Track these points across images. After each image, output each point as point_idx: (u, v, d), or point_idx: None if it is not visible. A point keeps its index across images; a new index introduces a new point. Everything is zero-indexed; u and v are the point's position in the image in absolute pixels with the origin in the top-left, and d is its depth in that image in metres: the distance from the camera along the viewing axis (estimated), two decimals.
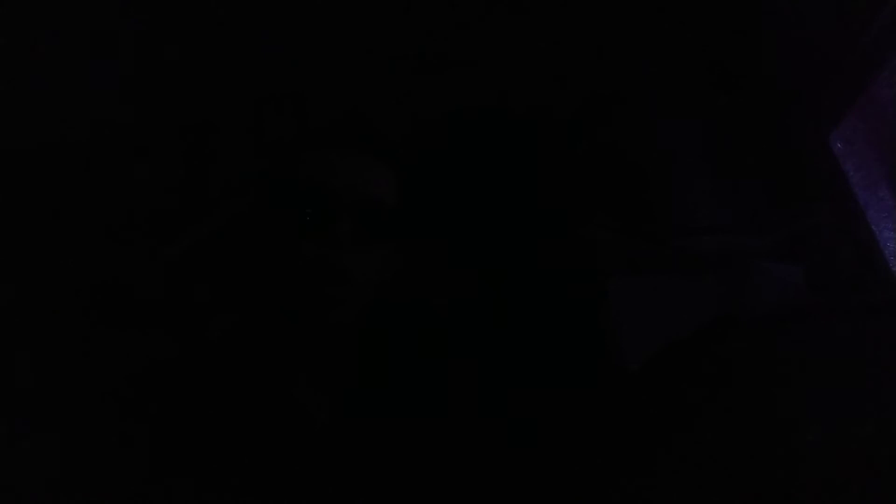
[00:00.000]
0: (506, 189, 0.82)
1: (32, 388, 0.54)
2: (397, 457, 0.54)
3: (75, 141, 0.83)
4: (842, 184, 0.88)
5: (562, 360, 0.60)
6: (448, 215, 0.82)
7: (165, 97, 0.86)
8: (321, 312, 0.59)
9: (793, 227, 0.77)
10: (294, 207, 0.62)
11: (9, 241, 0.78)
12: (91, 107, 0.84)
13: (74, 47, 0.82)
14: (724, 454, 0.53)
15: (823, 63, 0.86)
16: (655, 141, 0.92)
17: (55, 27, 0.81)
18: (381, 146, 0.67)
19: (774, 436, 0.53)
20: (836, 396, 0.53)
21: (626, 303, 0.74)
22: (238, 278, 0.73)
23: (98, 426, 0.50)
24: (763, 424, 0.53)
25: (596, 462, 0.53)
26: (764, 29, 0.93)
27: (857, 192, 0.88)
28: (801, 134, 0.90)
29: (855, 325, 0.58)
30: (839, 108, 0.88)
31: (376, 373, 0.61)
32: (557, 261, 0.79)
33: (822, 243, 0.76)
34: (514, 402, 0.55)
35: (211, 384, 0.56)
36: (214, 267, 0.77)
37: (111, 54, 0.83)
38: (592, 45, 0.92)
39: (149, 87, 0.85)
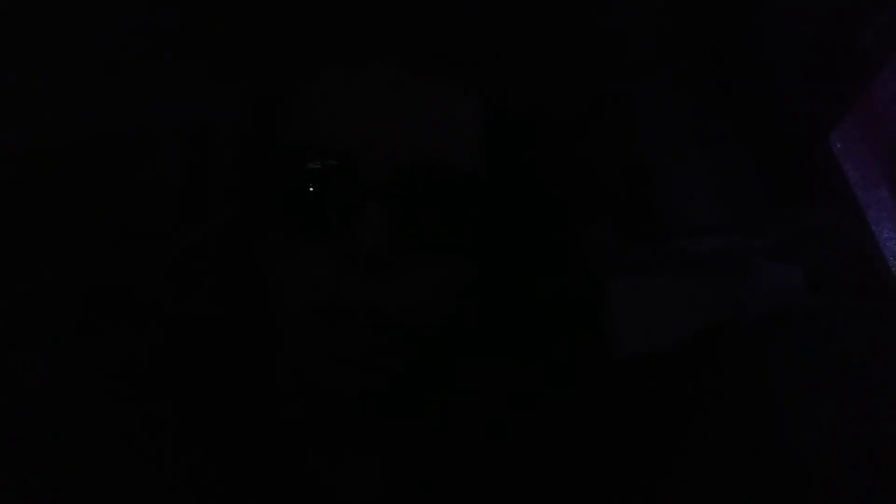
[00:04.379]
0: (504, 190, 0.82)
1: (33, 388, 0.54)
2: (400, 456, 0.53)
3: (75, 142, 0.83)
4: (842, 184, 0.87)
5: (561, 361, 0.60)
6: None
7: (165, 97, 0.85)
8: (344, 385, 0.37)
9: (793, 227, 0.77)
10: (287, 194, 0.35)
11: (8, 241, 0.78)
12: (91, 107, 0.84)
13: (74, 47, 0.82)
14: (723, 454, 0.53)
15: (823, 63, 0.86)
16: (655, 141, 0.92)
17: (55, 27, 0.81)
18: (446, 59, 0.36)
19: (774, 436, 0.53)
20: (836, 396, 0.53)
21: (626, 303, 0.74)
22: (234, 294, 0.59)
23: (97, 431, 0.49)
24: (763, 424, 0.53)
25: (595, 463, 0.53)
26: (763, 28, 0.92)
27: (857, 193, 0.88)
28: (801, 134, 0.90)
29: (855, 325, 0.58)
30: (839, 108, 0.87)
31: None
32: (557, 261, 0.79)
33: (822, 243, 0.76)
34: (514, 403, 0.55)
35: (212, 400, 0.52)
36: (214, 269, 0.77)
37: (111, 54, 0.83)
38: (591, 44, 0.92)
39: (148, 88, 0.85)
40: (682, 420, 0.55)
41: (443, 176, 0.37)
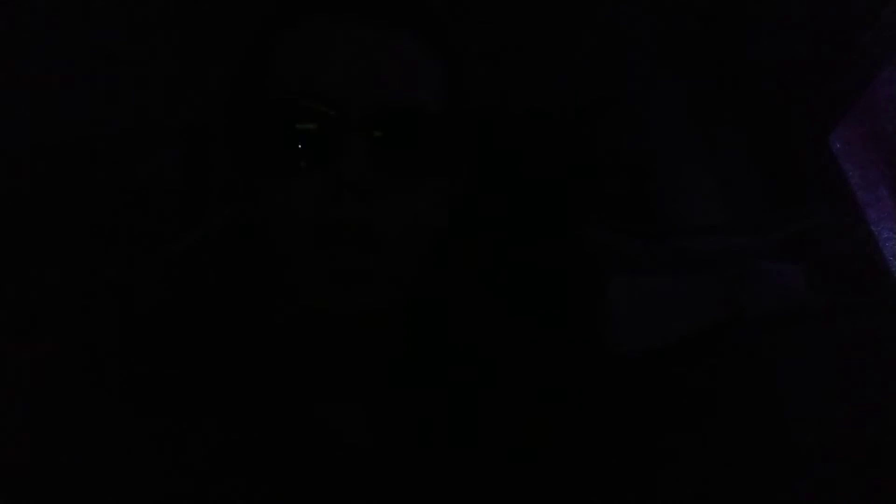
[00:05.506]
0: (504, 189, 0.82)
1: (32, 388, 0.54)
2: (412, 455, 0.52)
3: (75, 141, 0.83)
4: (841, 184, 0.88)
5: (560, 361, 0.60)
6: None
7: (165, 96, 0.85)
8: (335, 303, 0.42)
9: (793, 227, 0.77)
10: (281, 131, 0.41)
11: (8, 241, 0.78)
12: (91, 107, 0.84)
13: (74, 47, 0.82)
14: (723, 454, 0.53)
15: (823, 63, 0.86)
16: (655, 141, 0.92)
17: (55, 27, 0.81)
18: (412, 15, 0.43)
19: (774, 436, 0.53)
20: (837, 396, 0.53)
21: (625, 302, 0.74)
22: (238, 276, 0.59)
23: (95, 429, 0.49)
24: (763, 423, 0.53)
25: (595, 460, 0.53)
26: (763, 28, 0.92)
27: (857, 192, 0.88)
28: (801, 134, 0.90)
29: (855, 325, 0.58)
30: (839, 108, 0.88)
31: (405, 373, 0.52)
32: (556, 261, 0.79)
33: (822, 243, 0.76)
34: (513, 402, 0.55)
35: (220, 392, 0.51)
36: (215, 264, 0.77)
37: (111, 54, 0.83)
38: (590, 45, 0.92)
39: (148, 87, 0.85)
40: (682, 419, 0.55)
41: (415, 114, 0.43)
